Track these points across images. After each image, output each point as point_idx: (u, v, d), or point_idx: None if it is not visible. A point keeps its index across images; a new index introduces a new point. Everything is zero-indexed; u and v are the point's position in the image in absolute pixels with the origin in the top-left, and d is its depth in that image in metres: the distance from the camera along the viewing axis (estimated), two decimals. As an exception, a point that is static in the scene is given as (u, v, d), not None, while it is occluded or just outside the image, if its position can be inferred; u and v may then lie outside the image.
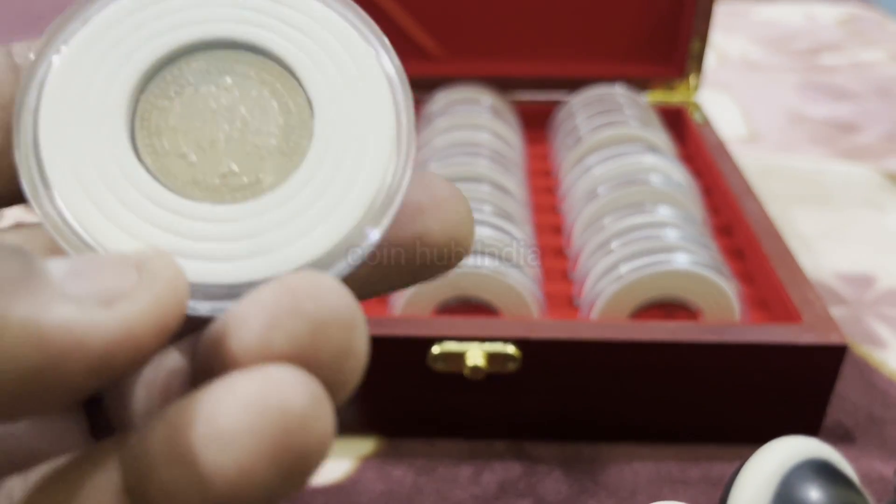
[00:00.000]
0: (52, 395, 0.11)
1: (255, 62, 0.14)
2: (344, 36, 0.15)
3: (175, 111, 0.14)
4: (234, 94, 0.14)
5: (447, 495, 0.34)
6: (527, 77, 0.57)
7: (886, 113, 0.71)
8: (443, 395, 0.36)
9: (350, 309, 0.12)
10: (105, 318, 0.11)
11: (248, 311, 0.12)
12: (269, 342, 0.11)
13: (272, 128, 0.14)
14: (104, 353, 0.11)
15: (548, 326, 0.34)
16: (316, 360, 0.11)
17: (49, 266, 0.11)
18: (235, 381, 0.11)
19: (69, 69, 0.14)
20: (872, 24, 0.92)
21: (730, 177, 0.48)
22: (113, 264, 0.11)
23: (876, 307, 0.46)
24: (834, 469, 0.21)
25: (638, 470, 0.35)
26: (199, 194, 0.14)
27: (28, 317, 0.10)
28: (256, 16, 0.14)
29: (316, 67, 0.14)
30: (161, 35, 0.14)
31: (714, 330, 0.34)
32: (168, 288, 0.11)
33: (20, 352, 0.10)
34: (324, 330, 0.11)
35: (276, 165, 0.14)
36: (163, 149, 0.14)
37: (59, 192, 0.13)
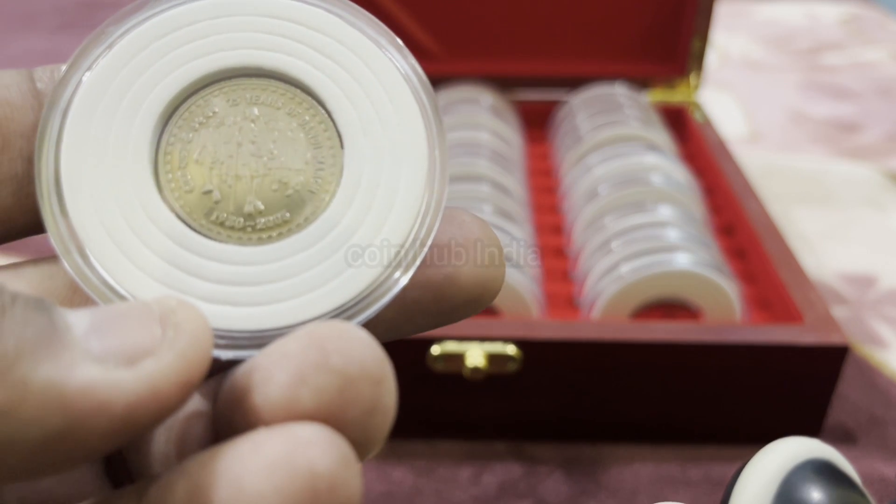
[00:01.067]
0: (74, 455, 0.10)
1: (284, 91, 0.14)
2: (379, 67, 0.14)
3: (199, 143, 0.13)
4: (261, 126, 0.14)
5: (447, 496, 0.34)
6: (527, 76, 0.57)
7: (888, 112, 0.71)
8: (443, 395, 0.35)
9: (379, 362, 0.11)
10: (128, 378, 0.10)
11: (274, 363, 0.11)
12: (296, 398, 0.11)
13: (300, 163, 0.14)
14: (127, 412, 0.10)
15: (548, 326, 0.34)
16: (343, 416, 0.11)
17: (71, 321, 0.11)
18: (261, 440, 0.11)
19: (92, 98, 0.13)
20: (874, 24, 0.92)
21: (731, 176, 0.47)
22: (136, 318, 0.11)
23: (877, 307, 0.46)
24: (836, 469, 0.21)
25: (639, 470, 0.35)
26: (223, 235, 0.13)
27: (51, 380, 0.10)
28: (287, 42, 0.14)
29: (348, 100, 0.14)
30: (187, 62, 0.14)
31: (715, 330, 0.34)
32: (193, 343, 0.11)
33: (43, 416, 0.10)
34: (352, 386, 0.11)
35: (302, 204, 0.13)
36: (187, 185, 0.13)
37: (80, 230, 0.13)
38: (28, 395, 0.10)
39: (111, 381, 0.10)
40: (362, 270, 0.13)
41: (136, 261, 0.13)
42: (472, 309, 0.15)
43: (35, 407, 0.10)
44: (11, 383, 0.10)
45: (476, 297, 0.14)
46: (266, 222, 0.13)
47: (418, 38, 0.56)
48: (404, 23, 0.55)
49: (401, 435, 0.37)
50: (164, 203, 0.13)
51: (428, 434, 0.37)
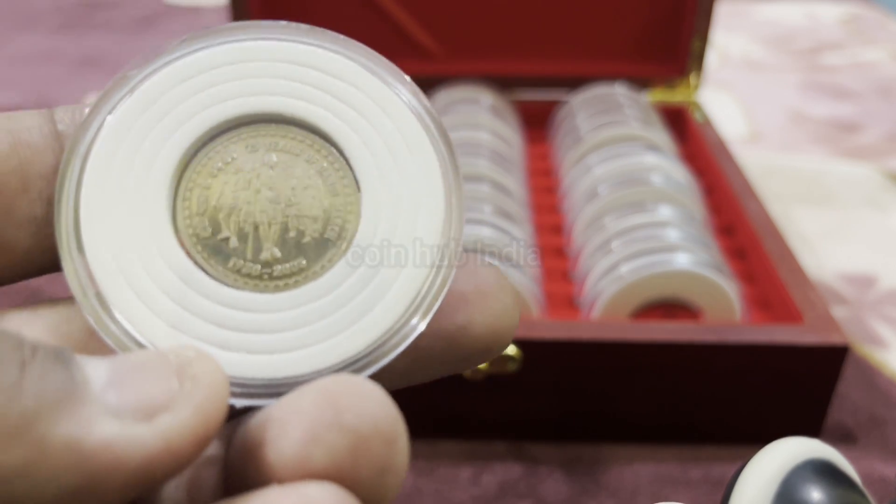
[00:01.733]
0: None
1: (303, 139, 0.14)
2: (397, 114, 0.14)
3: (217, 190, 0.14)
4: (280, 173, 0.14)
5: (447, 496, 0.34)
6: (527, 76, 0.57)
7: (888, 112, 0.71)
8: (443, 395, 0.35)
9: (392, 421, 0.11)
10: (145, 433, 0.10)
11: (287, 420, 0.11)
12: (308, 457, 0.11)
13: (317, 211, 0.14)
14: (143, 467, 0.10)
15: (548, 326, 0.34)
16: (355, 476, 0.11)
17: (89, 373, 0.11)
18: (273, 498, 0.11)
19: (113, 142, 0.13)
20: (874, 24, 0.92)
21: (731, 176, 0.47)
22: (153, 370, 0.11)
23: (878, 307, 0.46)
24: (836, 470, 0.21)
25: (639, 471, 0.35)
26: (239, 282, 0.13)
27: (71, 437, 0.10)
28: (306, 88, 0.14)
29: (366, 147, 0.14)
30: (205, 108, 0.14)
31: (715, 330, 0.34)
32: (210, 396, 0.11)
33: (61, 473, 0.10)
34: (365, 445, 0.11)
35: (320, 252, 0.13)
36: (205, 231, 0.13)
37: (98, 274, 0.13)
38: (47, 453, 0.10)
39: (128, 437, 0.10)
40: (378, 320, 0.13)
41: (152, 306, 0.13)
42: (484, 357, 0.14)
43: (54, 465, 0.10)
44: (31, 441, 0.10)
45: (489, 346, 0.14)
46: (283, 269, 0.13)
47: (418, 38, 0.56)
48: (404, 23, 0.55)
49: (401, 435, 0.37)
50: (181, 249, 0.13)
51: (428, 434, 0.37)
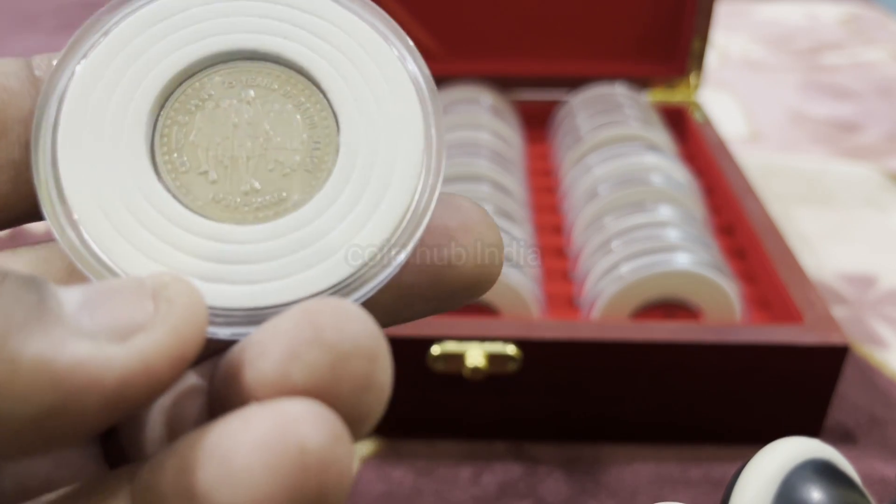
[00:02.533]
0: (67, 432, 0.10)
1: (279, 74, 0.14)
2: (373, 46, 0.14)
3: (195, 126, 0.14)
4: (257, 108, 0.14)
5: (447, 496, 0.34)
6: (527, 76, 0.57)
7: (888, 112, 0.71)
8: (443, 395, 0.35)
9: (373, 338, 0.11)
10: (120, 353, 0.10)
11: (265, 340, 0.11)
12: (287, 374, 0.11)
13: (296, 143, 0.14)
14: (119, 388, 0.10)
15: (548, 326, 0.34)
16: (336, 393, 0.11)
17: (62, 297, 0.11)
18: (250, 417, 0.10)
19: (88, 84, 0.13)
20: (874, 24, 0.92)
21: (731, 176, 0.47)
22: (128, 293, 0.11)
23: (878, 307, 0.46)
24: (836, 470, 0.21)
25: (639, 470, 0.35)
26: (220, 214, 0.13)
27: (41, 356, 0.10)
28: (281, 25, 0.14)
29: (343, 80, 0.14)
30: (182, 46, 0.14)
31: (715, 330, 0.34)
32: (186, 317, 0.11)
33: (33, 392, 0.10)
34: (345, 361, 0.11)
35: (299, 183, 0.13)
36: (183, 166, 0.13)
37: (77, 211, 0.13)
38: (18, 372, 0.10)
39: (102, 357, 0.10)
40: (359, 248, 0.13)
41: (131, 240, 0.13)
42: (470, 295, 0.14)
43: (25, 383, 0.10)
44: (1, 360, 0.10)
45: (474, 282, 0.14)
46: (263, 201, 0.13)
47: (419, 37, 0.56)
48: (405, 23, 0.55)
49: (400, 435, 0.37)
50: (160, 183, 0.13)
51: (428, 434, 0.37)
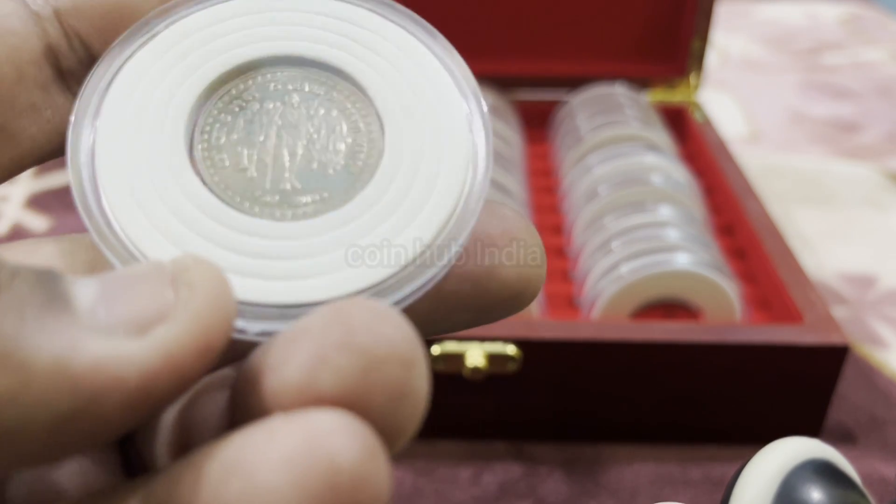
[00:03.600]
0: (87, 437, 0.10)
1: (324, 80, 0.14)
2: (417, 54, 0.14)
3: (238, 126, 0.13)
4: (301, 111, 0.13)
5: (447, 496, 0.34)
6: (527, 76, 0.57)
7: (887, 112, 0.71)
8: (443, 395, 0.35)
9: (410, 343, 0.10)
10: (140, 349, 0.10)
11: (293, 341, 0.10)
12: (314, 381, 0.10)
13: (340, 146, 0.13)
14: (142, 386, 0.09)
15: (548, 326, 0.34)
16: (368, 402, 0.10)
17: (77, 291, 0.10)
18: (275, 429, 0.09)
19: (133, 78, 0.13)
20: (874, 24, 0.92)
21: (731, 176, 0.47)
22: (146, 279, 0.10)
23: (877, 307, 0.46)
24: (836, 470, 0.21)
25: (639, 471, 0.35)
26: (257, 210, 0.13)
27: (57, 359, 0.09)
28: (327, 34, 0.14)
29: (389, 86, 0.14)
30: (229, 50, 0.14)
31: (715, 330, 0.34)
32: (210, 302, 0.10)
33: (50, 397, 0.09)
34: (379, 367, 0.10)
35: (341, 184, 0.13)
36: (222, 162, 0.13)
37: (108, 196, 0.12)
38: (33, 378, 0.09)
39: (121, 354, 0.09)
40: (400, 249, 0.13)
41: (163, 230, 0.12)
42: (511, 307, 0.14)
43: (41, 389, 0.09)
44: (13, 367, 0.09)
45: (517, 293, 0.13)
46: (303, 200, 0.13)
47: (418, 38, 0.56)
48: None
49: (401, 435, 0.37)
50: (196, 176, 0.13)
51: (428, 434, 0.37)
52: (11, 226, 0.52)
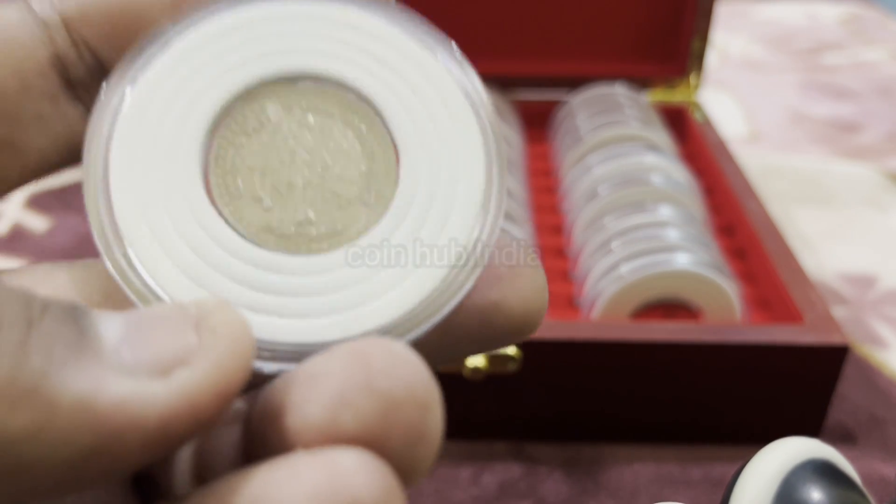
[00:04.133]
0: (105, 472, 0.10)
1: (340, 99, 0.13)
2: (437, 79, 0.14)
3: (252, 149, 0.13)
4: (316, 135, 0.13)
5: (447, 496, 0.34)
6: (527, 76, 0.57)
7: (888, 112, 0.71)
8: (443, 395, 0.35)
9: (426, 385, 0.11)
10: (162, 390, 0.10)
11: (314, 381, 0.10)
12: (336, 421, 0.10)
13: (354, 174, 0.13)
14: (162, 426, 0.10)
15: (548, 326, 0.34)
16: (387, 443, 0.10)
17: (103, 329, 0.10)
18: (299, 465, 0.10)
19: (145, 100, 0.13)
20: (874, 24, 0.92)
21: (731, 176, 0.47)
22: (170, 322, 0.11)
23: (878, 307, 0.46)
24: (836, 470, 0.21)
25: (639, 471, 0.35)
26: (272, 243, 0.13)
27: (81, 397, 0.09)
28: (345, 49, 0.13)
29: (405, 111, 0.13)
30: (242, 66, 0.13)
31: (715, 330, 0.34)
32: (231, 349, 0.10)
33: (73, 434, 0.09)
34: (398, 410, 0.10)
35: (355, 216, 0.13)
36: (237, 190, 0.13)
37: (125, 229, 0.12)
38: (58, 413, 0.09)
39: (144, 395, 0.10)
40: (415, 287, 0.13)
41: (180, 264, 0.12)
42: (516, 337, 0.14)
43: (64, 426, 0.09)
44: (39, 403, 0.09)
45: (522, 325, 0.14)
46: (317, 232, 0.13)
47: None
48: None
49: (401, 435, 0.37)
50: (212, 207, 0.13)
51: (428, 434, 0.37)
52: (11, 226, 0.52)
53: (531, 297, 0.14)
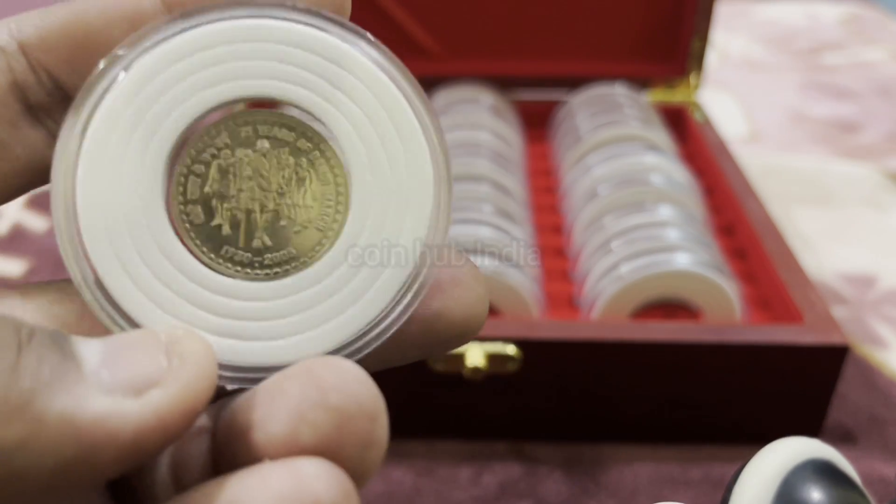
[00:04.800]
0: (83, 481, 0.11)
1: (295, 125, 0.14)
2: (391, 105, 0.14)
3: (210, 177, 0.14)
4: (272, 161, 0.14)
5: (447, 496, 0.34)
6: (527, 76, 0.57)
7: (887, 112, 0.71)
8: (443, 395, 0.35)
9: (374, 398, 0.12)
10: (136, 408, 0.11)
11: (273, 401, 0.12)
12: (296, 434, 0.11)
13: (308, 200, 0.14)
14: (134, 440, 0.11)
15: (548, 326, 0.34)
16: (341, 451, 0.12)
17: (83, 353, 0.11)
18: (267, 474, 0.11)
19: (108, 125, 0.13)
20: (874, 24, 0.92)
21: (731, 176, 0.47)
22: (144, 348, 0.12)
23: (877, 307, 0.46)
24: (836, 470, 0.21)
25: (639, 471, 0.35)
26: (231, 270, 0.14)
27: (66, 413, 0.11)
28: (300, 73, 0.14)
29: (358, 137, 0.14)
30: (199, 91, 0.14)
31: (715, 330, 0.34)
32: (197, 373, 0.12)
33: (57, 446, 0.10)
34: (350, 422, 0.12)
35: (309, 240, 0.14)
36: (198, 218, 0.14)
37: (94, 258, 0.13)
38: (44, 428, 0.10)
39: (120, 412, 0.11)
40: (365, 308, 0.14)
41: (147, 293, 0.13)
42: (457, 343, 0.15)
43: (50, 439, 0.10)
44: (29, 418, 0.10)
45: (461, 332, 0.15)
46: (273, 258, 0.14)
47: (418, 37, 0.56)
48: (404, 22, 0.55)
49: (401, 435, 0.37)
50: (175, 236, 0.14)
51: (428, 434, 0.37)
52: (11, 226, 0.52)
53: (471, 304, 0.15)
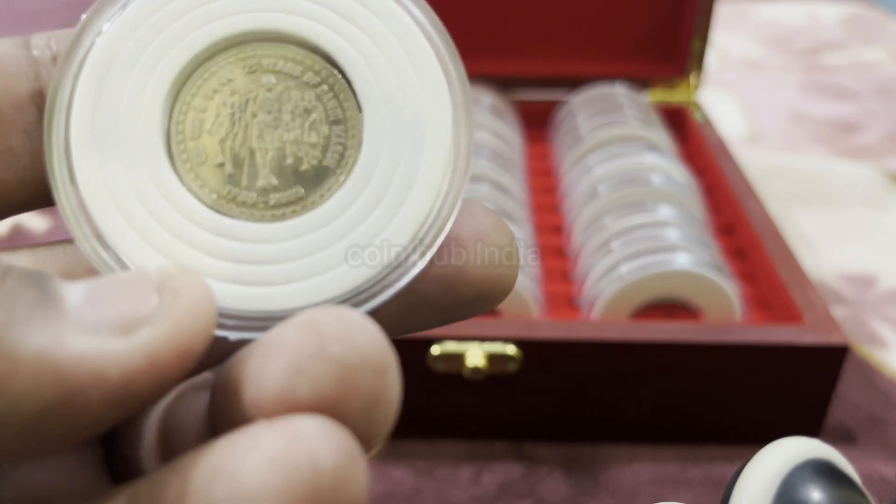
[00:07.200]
0: (70, 430, 0.10)
1: (302, 59, 0.13)
2: (403, 32, 0.13)
3: (213, 113, 0.13)
4: (278, 96, 0.13)
5: (447, 496, 0.34)
6: (527, 76, 0.57)
7: (888, 112, 0.71)
8: (443, 395, 0.35)
9: (381, 351, 0.10)
10: (123, 347, 0.10)
11: (269, 352, 0.11)
12: (291, 389, 0.10)
13: (316, 138, 0.13)
14: (123, 383, 0.10)
15: (548, 326, 0.34)
16: (344, 409, 0.10)
17: (65, 292, 0.10)
18: (258, 434, 0.10)
19: (103, 64, 0.12)
20: (874, 24, 0.92)
21: (731, 176, 0.47)
22: (132, 285, 0.11)
23: (877, 307, 0.46)
24: (836, 470, 0.21)
25: (639, 471, 0.35)
26: (235, 210, 0.13)
27: (42, 351, 0.10)
28: (308, 5, 0.13)
29: (369, 68, 0.13)
30: (202, 26, 0.13)
31: (715, 330, 0.34)
32: (191, 309, 0.11)
33: (34, 387, 0.09)
34: (352, 375, 0.10)
35: (318, 180, 0.13)
36: (199, 156, 0.13)
37: (89, 201, 0.12)
38: (19, 367, 0.09)
39: (105, 351, 0.10)
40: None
41: (144, 236, 0.12)
42: (481, 306, 0.14)
43: (26, 379, 0.09)
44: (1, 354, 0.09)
45: (486, 293, 0.13)
46: (279, 198, 0.13)
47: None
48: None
49: (401, 435, 0.37)
50: (175, 176, 0.13)
51: (428, 434, 0.37)
52: (11, 226, 0.52)
53: (495, 262, 0.13)
